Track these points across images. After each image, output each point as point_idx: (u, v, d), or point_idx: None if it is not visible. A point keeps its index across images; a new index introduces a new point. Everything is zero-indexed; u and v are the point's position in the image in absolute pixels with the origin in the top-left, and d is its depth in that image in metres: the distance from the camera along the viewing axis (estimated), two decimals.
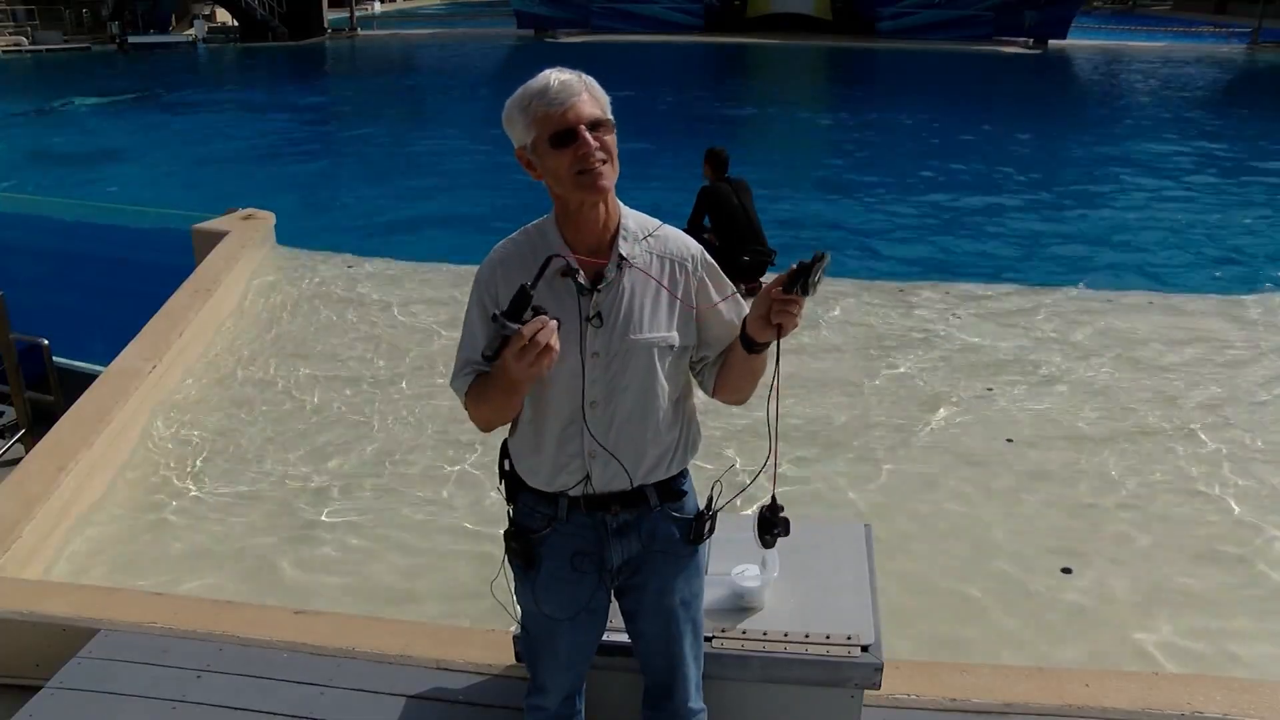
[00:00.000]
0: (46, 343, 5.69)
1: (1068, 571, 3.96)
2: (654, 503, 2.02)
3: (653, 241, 1.95)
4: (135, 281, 8.22)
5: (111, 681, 2.89)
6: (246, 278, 7.42)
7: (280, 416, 5.40)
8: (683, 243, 1.99)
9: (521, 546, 2.04)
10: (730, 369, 1.99)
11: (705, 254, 2.01)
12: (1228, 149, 15.40)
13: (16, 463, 4.55)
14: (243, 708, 2.79)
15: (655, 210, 2.03)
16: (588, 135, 1.77)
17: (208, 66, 31.91)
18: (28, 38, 34.36)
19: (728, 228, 7.32)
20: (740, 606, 2.53)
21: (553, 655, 2.15)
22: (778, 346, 1.85)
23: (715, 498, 2.09)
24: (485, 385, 1.86)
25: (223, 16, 40.02)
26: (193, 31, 37.78)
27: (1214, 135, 16.84)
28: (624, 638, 2.23)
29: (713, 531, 2.11)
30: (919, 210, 11.18)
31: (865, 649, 2.40)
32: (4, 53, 32.51)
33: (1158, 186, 12.42)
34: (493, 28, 39.85)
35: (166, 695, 2.84)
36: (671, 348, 1.94)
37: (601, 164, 1.79)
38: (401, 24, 43.71)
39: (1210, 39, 36.74)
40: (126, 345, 5.64)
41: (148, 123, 18.92)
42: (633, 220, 1.94)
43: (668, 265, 1.95)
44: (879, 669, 2.38)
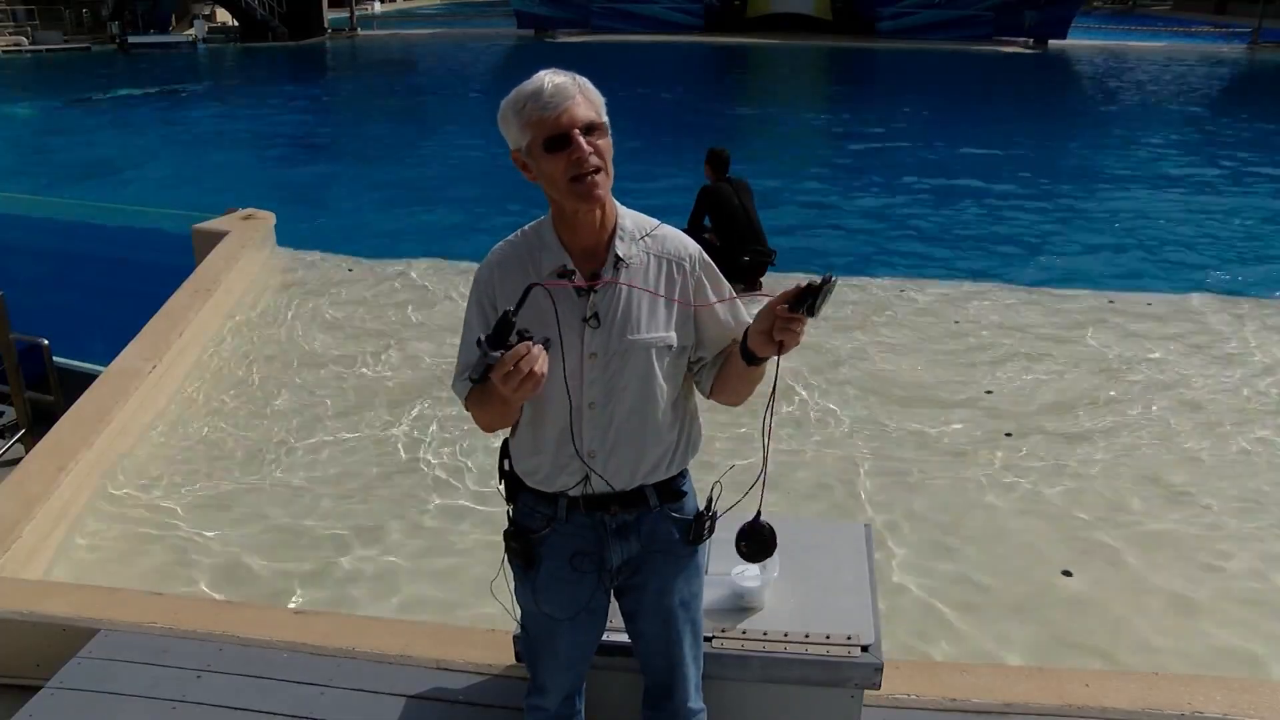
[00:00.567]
0: (46, 343, 5.69)
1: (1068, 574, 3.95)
2: (653, 503, 2.03)
3: (650, 241, 1.94)
4: (135, 281, 8.21)
5: (111, 681, 2.88)
6: (247, 278, 7.42)
7: (281, 416, 5.40)
8: (680, 242, 1.98)
9: (521, 546, 2.04)
10: (729, 376, 1.99)
11: (703, 254, 2.01)
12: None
13: (16, 463, 4.55)
14: (243, 708, 2.79)
15: (655, 210, 2.02)
16: (581, 140, 1.76)
17: (208, 67, 31.87)
18: (28, 38, 34.36)
19: (728, 228, 7.32)
20: (740, 606, 2.53)
21: (553, 655, 2.15)
22: (777, 362, 1.86)
23: (715, 498, 2.10)
24: (483, 393, 1.86)
25: (223, 16, 40.02)
26: (193, 31, 37.77)
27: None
28: (624, 638, 2.23)
29: (712, 532, 2.11)
30: (918, 211, 11.17)
31: (865, 649, 2.40)
32: (4, 53, 32.51)
33: (1156, 188, 12.42)
34: (493, 28, 39.90)
35: (166, 695, 2.84)
36: (670, 348, 1.94)
37: (595, 172, 1.78)
38: (401, 24, 43.73)
39: (1210, 39, 36.74)
40: (126, 345, 5.63)
41: (148, 123, 18.90)
42: (630, 220, 1.94)
43: (665, 265, 1.94)
44: (879, 669, 2.38)
